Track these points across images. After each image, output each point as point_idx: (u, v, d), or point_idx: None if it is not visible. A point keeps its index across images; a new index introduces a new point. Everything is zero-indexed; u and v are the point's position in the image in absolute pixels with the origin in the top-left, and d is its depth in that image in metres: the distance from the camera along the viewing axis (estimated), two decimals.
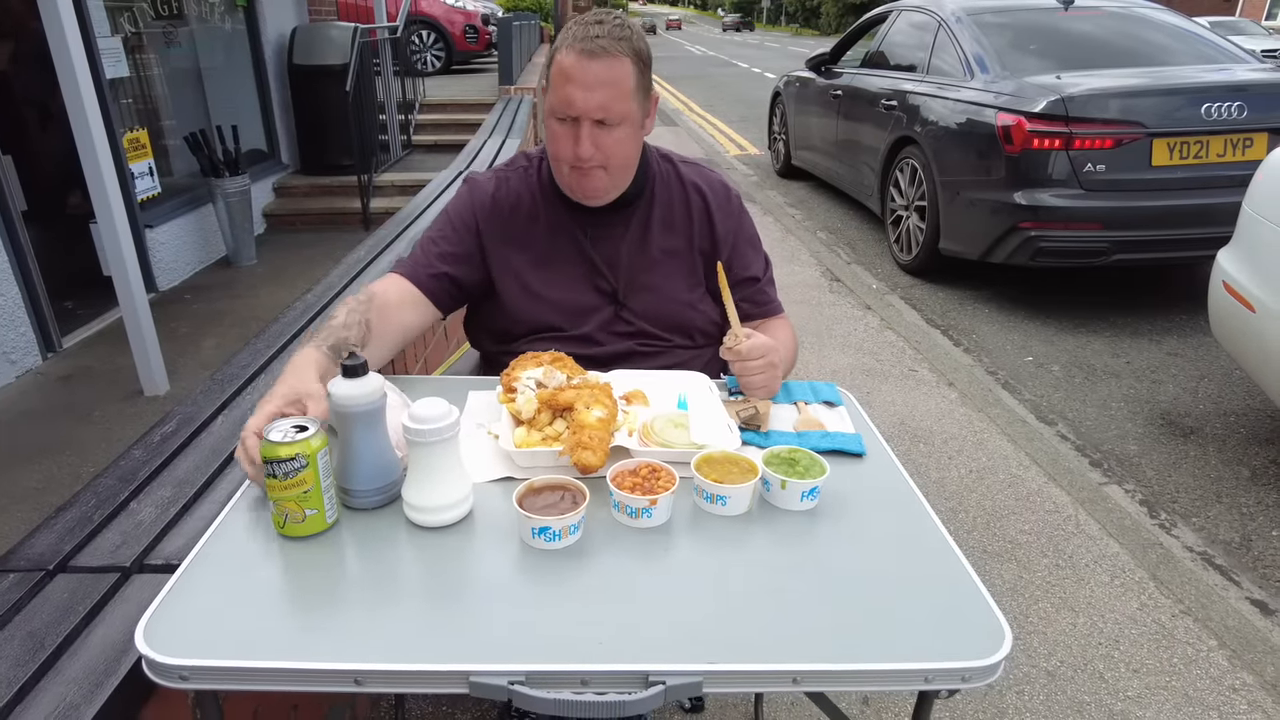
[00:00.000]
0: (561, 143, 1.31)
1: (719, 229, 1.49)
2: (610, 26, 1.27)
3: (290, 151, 6.31)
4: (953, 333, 4.05)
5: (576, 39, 1.26)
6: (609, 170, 1.34)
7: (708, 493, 1.05)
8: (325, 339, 1.20)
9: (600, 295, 1.45)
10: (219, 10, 5.43)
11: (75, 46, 2.87)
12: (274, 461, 0.93)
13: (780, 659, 0.83)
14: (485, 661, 0.81)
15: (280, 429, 0.96)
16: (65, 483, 2.75)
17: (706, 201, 1.49)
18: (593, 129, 1.28)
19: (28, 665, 0.90)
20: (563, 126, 1.30)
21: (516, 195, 1.45)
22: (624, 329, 1.45)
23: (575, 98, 1.26)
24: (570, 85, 1.26)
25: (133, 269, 3.18)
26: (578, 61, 1.25)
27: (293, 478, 0.94)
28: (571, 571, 0.95)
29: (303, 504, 0.96)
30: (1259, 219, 2.61)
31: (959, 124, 4.31)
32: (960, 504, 2.60)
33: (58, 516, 1.16)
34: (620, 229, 1.45)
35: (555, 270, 1.44)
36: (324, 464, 0.97)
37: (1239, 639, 2.04)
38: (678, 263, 1.47)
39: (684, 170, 1.52)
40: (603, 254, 1.44)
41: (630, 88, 1.29)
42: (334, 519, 1.00)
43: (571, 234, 1.44)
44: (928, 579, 0.96)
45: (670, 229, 1.47)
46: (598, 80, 1.25)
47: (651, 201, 1.47)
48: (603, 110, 1.27)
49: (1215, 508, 2.64)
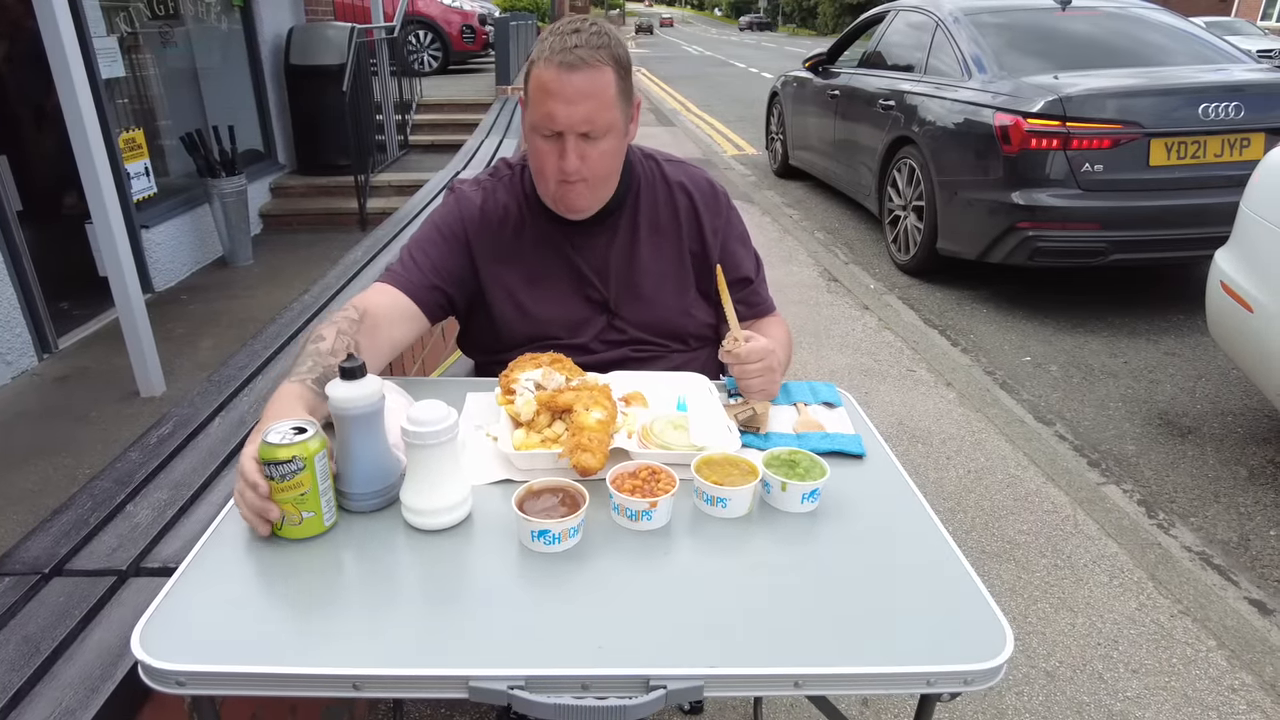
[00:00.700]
0: (545, 158, 1.27)
1: (707, 228, 1.46)
2: (587, 35, 1.23)
3: (287, 152, 6.30)
4: (951, 333, 4.05)
5: (554, 51, 1.21)
6: (590, 184, 1.30)
7: (708, 495, 1.04)
8: (311, 371, 1.14)
9: (592, 306, 1.43)
10: (215, 10, 5.42)
11: (71, 46, 2.86)
12: (271, 463, 0.93)
13: (782, 662, 0.82)
14: (485, 666, 0.80)
15: (279, 431, 0.95)
16: (61, 484, 2.74)
17: (693, 201, 1.46)
18: (578, 142, 1.25)
19: (23, 670, 0.89)
20: (546, 142, 1.26)
21: (504, 208, 1.41)
22: (617, 338, 1.43)
23: (558, 113, 1.22)
24: (552, 100, 1.21)
25: (129, 270, 3.17)
26: (558, 75, 1.21)
27: (290, 480, 0.94)
28: (571, 574, 0.94)
29: (300, 506, 0.95)
30: (1257, 219, 2.61)
31: (957, 124, 4.31)
32: (959, 504, 2.60)
33: (53, 519, 1.15)
34: (606, 236, 1.42)
35: (545, 284, 1.41)
36: (321, 467, 0.96)
37: (1238, 639, 2.04)
38: (667, 267, 1.45)
39: (669, 170, 1.48)
40: (590, 263, 1.41)
41: (613, 96, 1.25)
42: (331, 522, 1.00)
43: (558, 245, 1.41)
44: (929, 581, 0.95)
45: (658, 232, 1.44)
46: (579, 93, 1.21)
47: (637, 205, 1.44)
48: (587, 123, 1.23)
49: (1213, 507, 2.65)
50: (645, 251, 1.43)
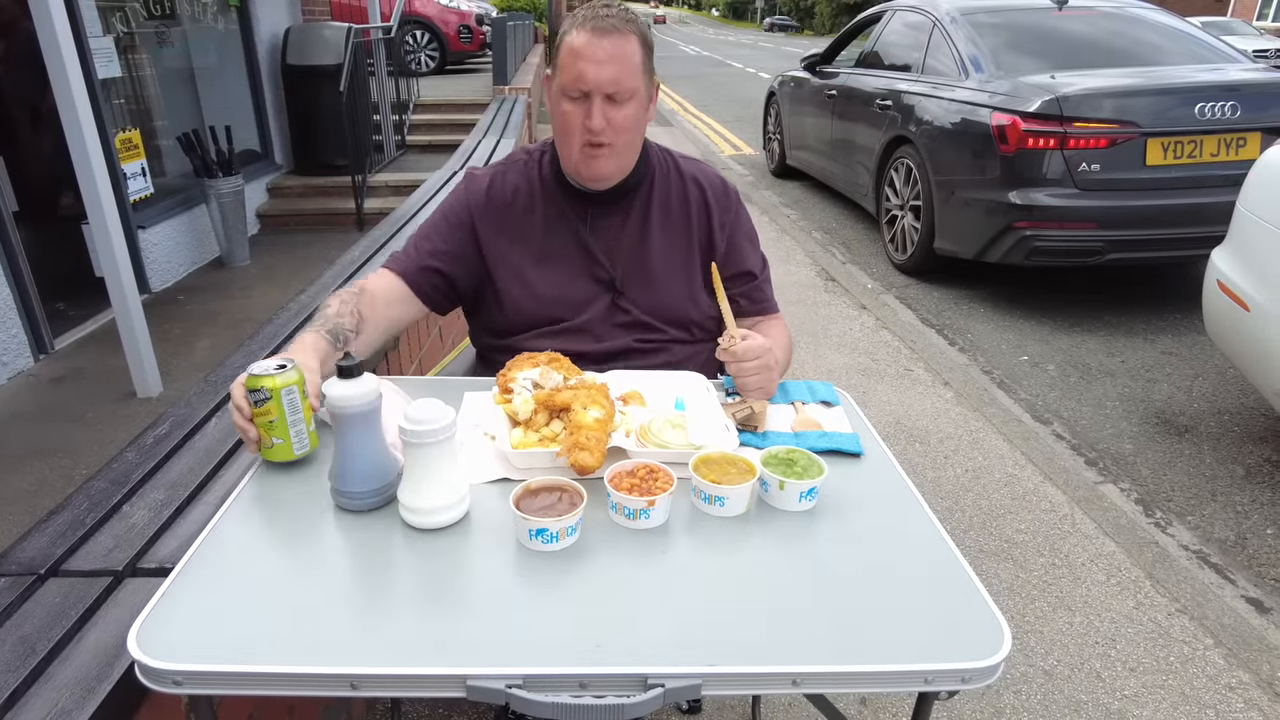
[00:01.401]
0: (571, 120, 1.33)
1: (715, 221, 1.50)
2: (617, 9, 1.32)
3: (284, 152, 6.29)
4: (948, 332, 4.06)
5: (586, 19, 1.30)
6: (616, 149, 1.35)
7: (705, 493, 1.04)
8: (322, 325, 1.28)
9: (598, 284, 1.46)
10: (212, 10, 5.41)
11: (67, 46, 2.85)
12: (251, 390, 1.07)
13: (780, 661, 0.82)
14: (482, 665, 0.80)
15: (261, 365, 1.08)
16: (58, 485, 2.73)
17: (705, 194, 1.51)
18: (603, 104, 1.31)
19: (19, 671, 0.89)
20: (573, 104, 1.32)
21: (513, 187, 1.47)
22: (623, 319, 1.46)
23: (588, 72, 1.29)
24: (582, 61, 1.29)
25: (125, 270, 3.16)
26: (589, 38, 1.29)
27: (261, 407, 1.07)
28: (569, 573, 0.94)
29: (269, 432, 1.09)
30: (1253, 218, 2.62)
31: (954, 124, 4.31)
32: (956, 503, 2.60)
33: (49, 520, 1.15)
34: (619, 218, 1.46)
35: (552, 262, 1.45)
36: (289, 400, 1.08)
37: (1235, 637, 2.04)
38: (676, 254, 1.48)
39: (683, 164, 1.54)
40: (601, 243, 1.46)
41: (638, 64, 1.32)
42: (302, 452, 1.12)
43: (570, 223, 1.45)
44: (926, 579, 0.95)
45: (669, 220, 1.49)
46: (608, 55, 1.29)
47: (650, 191, 1.48)
48: (614, 84, 1.30)
49: (1210, 506, 2.65)
50: (656, 236, 1.48)
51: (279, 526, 1.02)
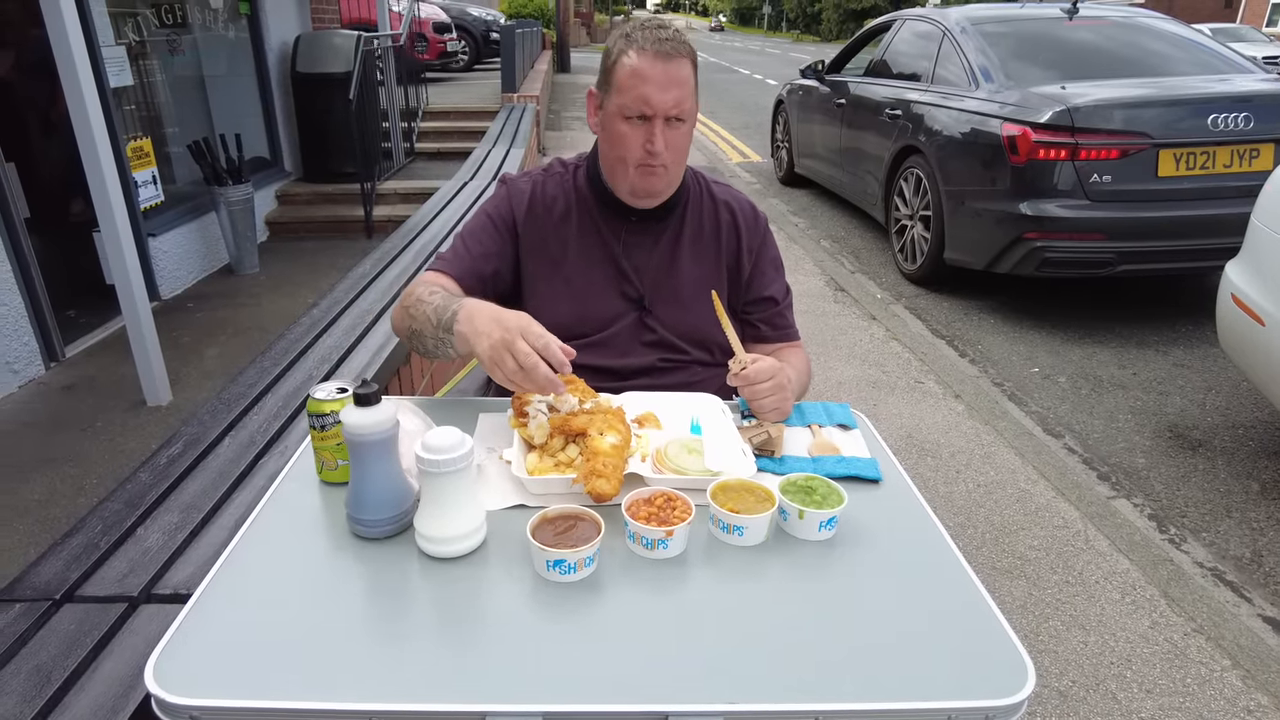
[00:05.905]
0: (630, 141, 1.34)
1: (744, 245, 1.52)
2: (672, 32, 1.34)
3: (293, 159, 6.30)
4: (958, 343, 4.04)
5: (648, 42, 1.31)
6: (669, 169, 1.38)
7: (724, 523, 1.03)
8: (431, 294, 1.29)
9: (626, 301, 1.47)
10: (222, 18, 5.43)
11: (79, 54, 2.86)
12: (315, 415, 1.08)
13: (801, 698, 0.81)
14: (502, 701, 0.79)
15: (324, 389, 1.09)
16: (68, 495, 2.74)
17: (735, 218, 1.53)
18: (665, 126, 1.32)
19: (34, 701, 0.88)
20: (633, 127, 1.33)
21: (552, 198, 1.48)
22: (648, 337, 1.47)
23: (653, 97, 1.30)
24: (647, 85, 1.30)
25: (135, 277, 3.17)
26: (654, 63, 1.30)
27: (329, 430, 1.09)
28: (587, 606, 0.93)
29: (336, 454, 1.10)
30: (1268, 232, 2.60)
31: (964, 134, 4.30)
32: (969, 519, 2.59)
33: (63, 543, 1.14)
34: (652, 237, 1.48)
35: (584, 275, 1.46)
36: None
37: (1252, 659, 2.02)
38: (705, 276, 1.49)
39: (715, 189, 1.56)
40: (633, 261, 1.47)
41: (694, 86, 1.36)
42: None
43: (604, 239, 1.46)
44: (948, 613, 0.94)
45: (700, 242, 1.50)
46: (671, 80, 1.31)
47: (684, 213, 1.50)
48: (677, 107, 1.32)
49: (1225, 522, 2.63)
50: (686, 258, 1.49)
51: (296, 554, 1.01)
